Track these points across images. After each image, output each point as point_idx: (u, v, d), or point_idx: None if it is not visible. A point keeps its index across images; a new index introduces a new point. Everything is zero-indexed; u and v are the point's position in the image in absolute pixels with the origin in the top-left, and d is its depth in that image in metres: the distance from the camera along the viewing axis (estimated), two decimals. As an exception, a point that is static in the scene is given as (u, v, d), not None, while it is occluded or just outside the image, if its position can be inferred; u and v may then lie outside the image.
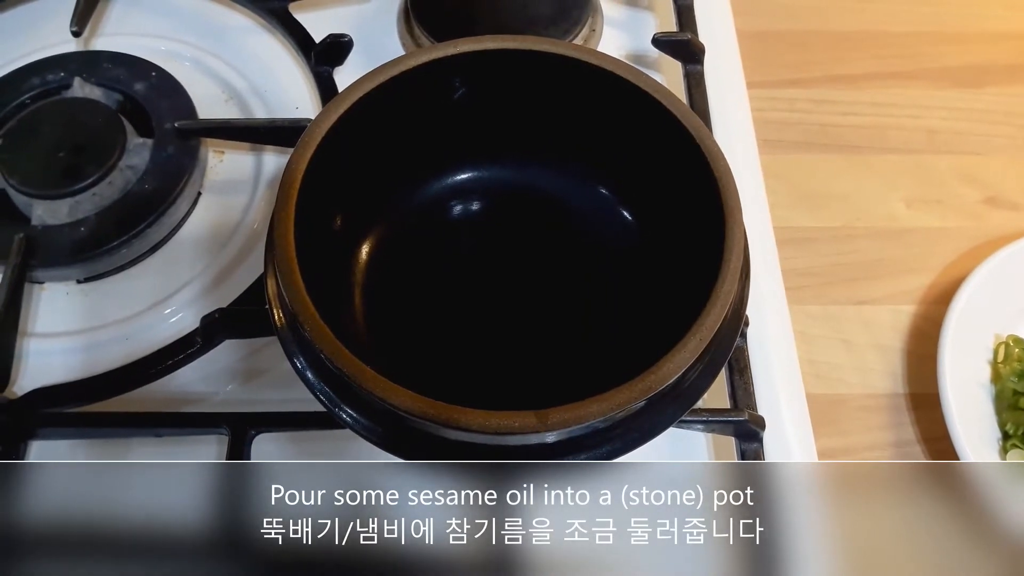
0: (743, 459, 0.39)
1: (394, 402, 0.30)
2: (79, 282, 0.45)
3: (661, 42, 0.50)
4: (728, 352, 0.34)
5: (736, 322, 0.34)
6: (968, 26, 0.57)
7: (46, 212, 0.45)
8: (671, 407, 0.33)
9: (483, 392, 0.31)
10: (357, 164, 0.38)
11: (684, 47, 0.50)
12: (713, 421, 0.39)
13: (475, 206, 0.42)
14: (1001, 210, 0.50)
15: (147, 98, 0.49)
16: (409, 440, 0.32)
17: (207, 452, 0.40)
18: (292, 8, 0.52)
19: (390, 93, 0.37)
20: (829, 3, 0.59)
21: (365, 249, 0.40)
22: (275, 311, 0.34)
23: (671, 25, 0.53)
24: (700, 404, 0.42)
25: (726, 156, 0.35)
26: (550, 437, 0.31)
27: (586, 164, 0.41)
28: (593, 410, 0.30)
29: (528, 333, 0.39)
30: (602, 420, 0.30)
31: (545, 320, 0.40)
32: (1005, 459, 0.42)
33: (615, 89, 0.37)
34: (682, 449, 0.41)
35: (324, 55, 0.50)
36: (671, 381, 0.31)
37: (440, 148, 0.41)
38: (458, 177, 0.42)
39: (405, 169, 0.41)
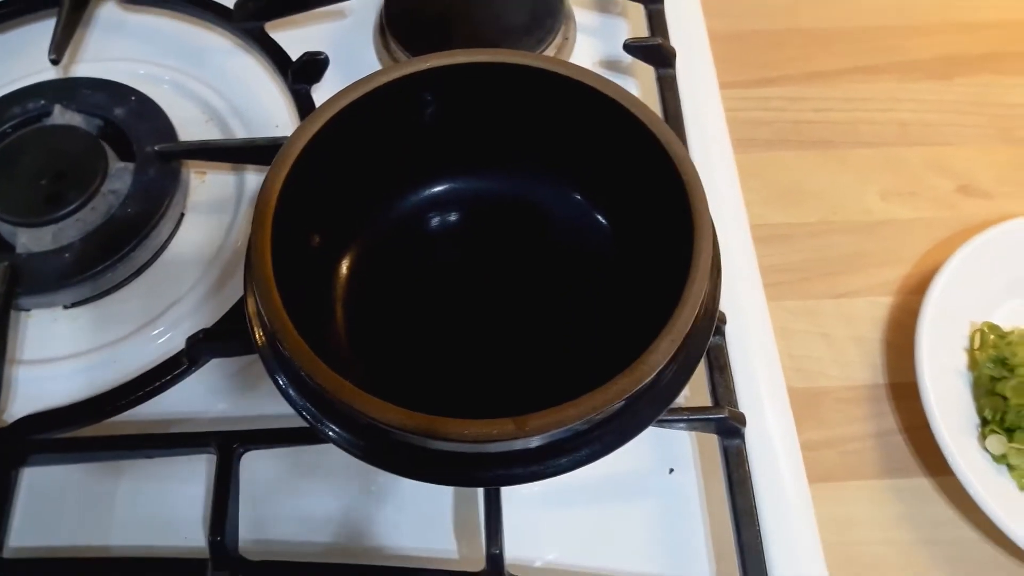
0: (726, 455, 0.39)
1: (374, 415, 0.30)
2: (66, 307, 0.46)
3: (633, 47, 0.51)
4: (702, 351, 0.34)
5: (709, 321, 0.35)
6: (935, 18, 0.58)
7: (30, 240, 0.46)
8: (648, 407, 0.33)
9: (465, 401, 0.32)
10: (334, 180, 0.39)
11: (655, 52, 0.51)
12: (694, 419, 0.40)
13: (452, 217, 0.42)
14: (974, 198, 0.51)
15: (127, 122, 0.49)
16: (392, 453, 0.33)
17: (197, 470, 0.41)
18: (268, 28, 0.53)
19: (364, 109, 0.38)
20: (799, 2, 0.59)
21: (345, 264, 0.41)
22: (255, 330, 0.35)
23: (643, 30, 0.54)
24: (682, 403, 0.43)
25: (700, 156, 0.36)
26: (531, 443, 0.32)
27: (560, 172, 0.41)
28: (570, 414, 0.30)
29: (508, 341, 0.40)
30: (580, 423, 0.31)
31: (524, 327, 0.40)
32: (984, 444, 0.42)
33: (584, 98, 0.38)
34: (667, 449, 0.42)
35: (301, 73, 0.50)
36: (646, 382, 0.31)
37: (416, 161, 0.42)
38: (435, 189, 0.43)
39: (382, 183, 0.41)
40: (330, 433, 0.33)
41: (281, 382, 0.34)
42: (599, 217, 0.41)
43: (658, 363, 0.31)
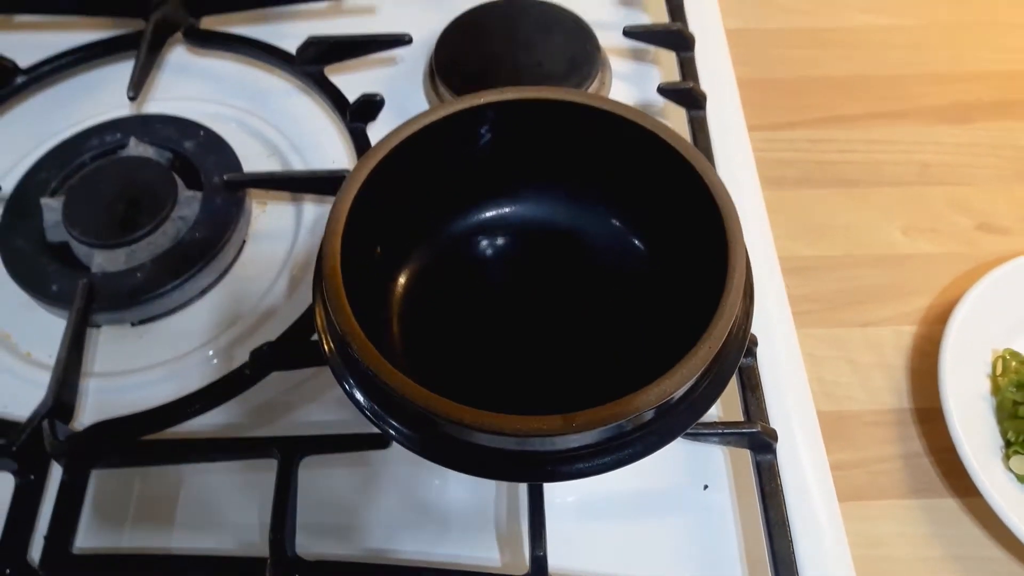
0: (758, 470, 0.41)
1: (433, 408, 0.33)
2: (133, 325, 0.49)
3: (666, 91, 0.54)
4: (736, 363, 0.37)
5: (742, 336, 0.37)
6: (951, 68, 0.61)
7: (105, 260, 0.49)
8: (686, 413, 0.35)
9: (512, 409, 0.34)
10: (393, 204, 0.42)
11: (687, 95, 0.54)
12: (728, 433, 0.42)
13: (500, 240, 0.45)
14: (992, 235, 0.53)
15: (196, 154, 0.53)
16: (448, 448, 0.35)
17: (255, 477, 0.43)
18: (327, 71, 0.57)
19: (422, 140, 0.41)
20: (822, 52, 0.63)
21: (401, 282, 0.44)
22: (324, 339, 0.38)
23: (675, 76, 0.57)
24: (715, 419, 0.45)
25: (733, 192, 0.39)
26: (576, 441, 0.34)
27: (599, 199, 0.44)
28: (614, 412, 0.32)
29: (551, 355, 0.42)
30: (624, 422, 0.33)
31: (565, 342, 0.43)
32: (1008, 465, 0.44)
33: (622, 130, 0.41)
34: (702, 466, 0.44)
35: (358, 112, 0.54)
36: (685, 387, 0.34)
37: (468, 188, 0.45)
38: (484, 215, 0.46)
39: (437, 208, 0.45)
40: (392, 432, 0.35)
41: (347, 385, 0.36)
42: (635, 241, 0.44)
43: (697, 368, 0.33)
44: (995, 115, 0.59)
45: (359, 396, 0.36)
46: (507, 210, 0.46)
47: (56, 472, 0.43)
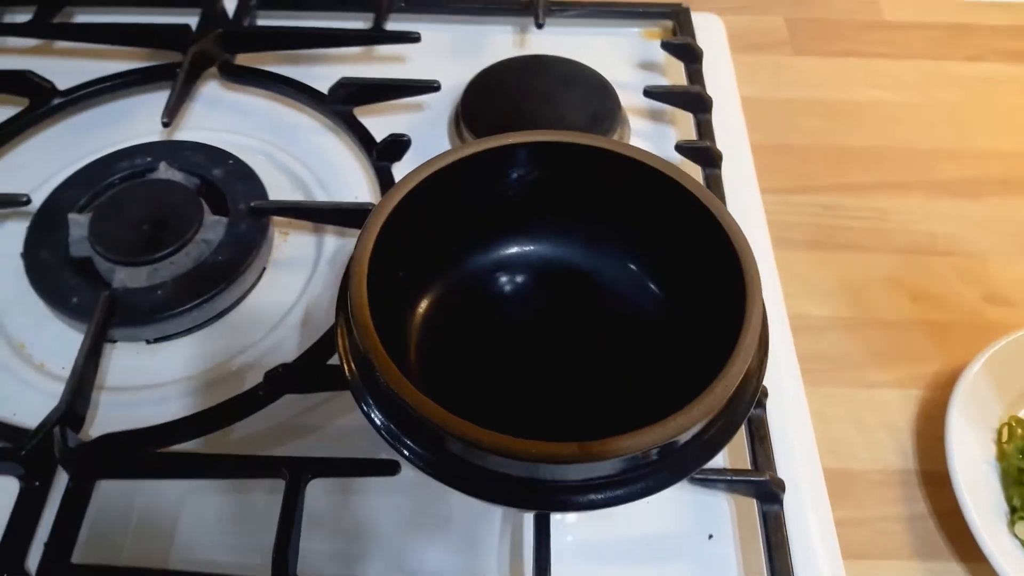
0: (765, 520, 0.41)
1: (451, 428, 0.33)
2: (148, 342, 0.50)
3: (684, 148, 0.56)
4: (748, 409, 0.37)
5: (755, 384, 0.37)
6: (959, 144, 0.63)
7: (127, 276, 0.50)
8: (698, 451, 0.36)
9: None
10: (415, 237, 0.43)
11: (704, 153, 0.56)
12: (736, 480, 0.42)
13: (519, 277, 0.46)
14: (998, 307, 0.54)
15: (224, 181, 0.54)
16: (460, 472, 0.35)
17: (261, 498, 0.43)
18: (356, 112, 0.59)
19: (448, 176, 0.42)
20: (832, 121, 0.65)
21: (420, 310, 0.44)
22: (345, 362, 0.38)
23: (690, 135, 0.59)
24: (724, 466, 0.45)
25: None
26: (589, 471, 0.34)
27: (618, 243, 0.46)
28: (630, 444, 0.33)
29: (564, 393, 0.43)
30: (638, 455, 0.33)
31: (579, 381, 0.43)
32: (1013, 531, 0.44)
33: (645, 177, 0.42)
34: (707, 515, 0.44)
35: (385, 151, 0.56)
36: (700, 425, 0.34)
37: (490, 225, 0.46)
38: (503, 252, 0.47)
39: (458, 243, 0.46)
40: (406, 452, 0.35)
41: (365, 406, 0.36)
42: (651, 285, 0.45)
43: (713, 406, 0.34)
44: (1001, 191, 0.60)
45: (376, 416, 0.36)
46: (527, 248, 0.47)
47: (60, 481, 0.43)
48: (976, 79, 0.69)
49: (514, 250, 0.47)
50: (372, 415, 0.36)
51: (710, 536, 0.43)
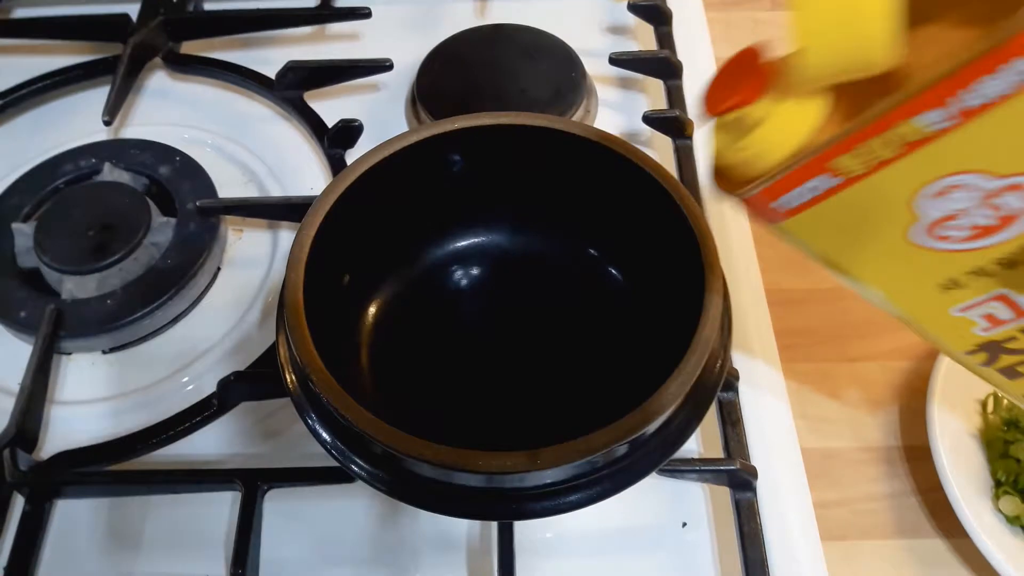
0: (738, 509, 0.40)
1: (398, 447, 0.32)
2: (104, 352, 0.48)
3: (652, 119, 0.53)
4: (711, 397, 0.36)
5: (719, 372, 0.36)
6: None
7: (75, 286, 0.48)
8: (658, 449, 0.34)
9: (484, 444, 0.33)
10: (362, 232, 0.41)
11: (674, 123, 0.53)
12: (706, 470, 0.40)
13: (474, 269, 0.45)
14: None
15: (171, 180, 0.52)
16: (413, 487, 0.34)
17: (222, 509, 0.42)
18: (307, 97, 0.57)
19: (394, 166, 0.40)
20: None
21: (371, 311, 0.43)
22: (286, 373, 0.37)
23: (661, 104, 0.57)
24: (695, 455, 0.44)
25: (716, 222, 0.38)
26: (545, 478, 0.33)
27: (575, 227, 0.44)
28: (581, 448, 0.31)
29: (526, 387, 0.41)
30: (592, 459, 0.32)
31: (541, 374, 0.42)
32: (998, 506, 0.42)
33: (598, 156, 0.40)
34: (680, 503, 0.42)
35: (336, 139, 0.53)
36: (657, 422, 0.33)
37: (441, 216, 0.44)
38: (458, 243, 0.45)
39: (408, 236, 0.44)
40: (356, 469, 0.34)
41: (310, 420, 0.35)
42: (613, 271, 0.43)
43: (668, 403, 0.32)
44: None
45: (322, 431, 0.35)
46: (481, 239, 0.45)
47: (18, 501, 0.41)
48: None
49: (468, 241, 0.45)
50: (317, 430, 0.35)
51: (684, 524, 0.42)
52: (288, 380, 0.36)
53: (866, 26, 0.25)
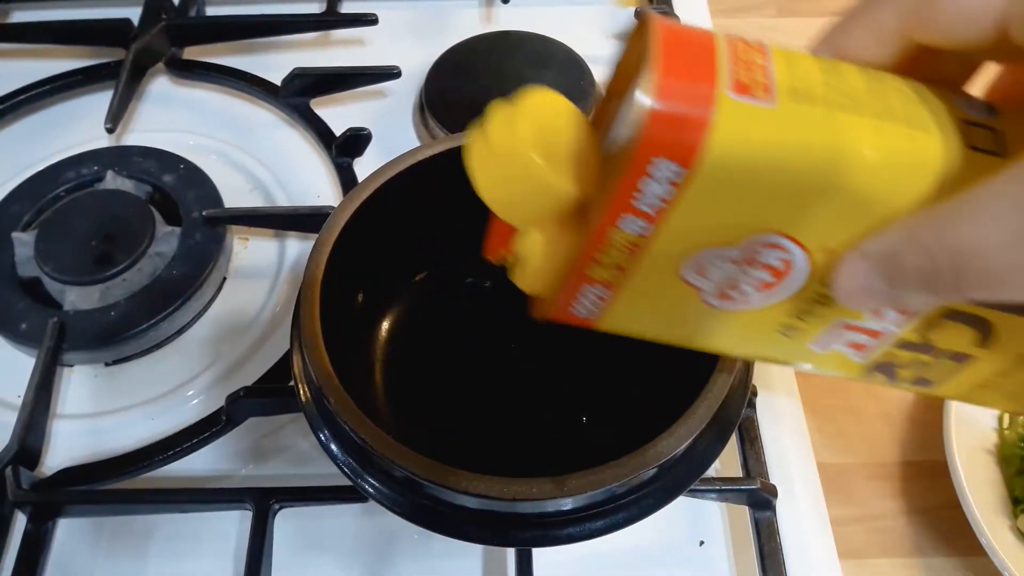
0: (757, 527, 0.40)
1: (415, 470, 0.31)
2: (107, 364, 0.47)
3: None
4: (736, 420, 0.35)
5: (743, 390, 0.35)
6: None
7: (78, 298, 0.47)
8: (684, 473, 0.34)
9: (500, 465, 0.32)
10: (376, 248, 0.40)
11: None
12: (727, 490, 0.40)
13: (488, 284, 0.44)
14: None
15: (175, 189, 0.51)
16: (430, 510, 0.33)
17: (230, 527, 0.41)
18: (313, 104, 0.56)
19: (408, 180, 0.39)
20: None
21: (384, 328, 0.42)
22: (300, 387, 0.36)
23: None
24: (713, 473, 0.43)
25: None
26: (567, 504, 0.32)
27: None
28: (608, 475, 0.31)
29: (541, 407, 0.41)
30: (617, 486, 0.31)
31: (555, 395, 0.41)
32: (1017, 524, 0.42)
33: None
34: (698, 521, 0.42)
35: (344, 147, 0.52)
36: (682, 447, 0.32)
37: (455, 231, 0.43)
38: (473, 258, 0.44)
39: (422, 252, 0.43)
40: (369, 489, 0.33)
41: (324, 437, 0.34)
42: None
43: (695, 428, 0.32)
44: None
45: (335, 449, 0.34)
46: (497, 253, 0.44)
47: (19, 519, 0.41)
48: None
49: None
50: (330, 447, 0.34)
51: (701, 542, 0.41)
52: (302, 394, 0.35)
53: (536, 181, 0.25)
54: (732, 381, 0.33)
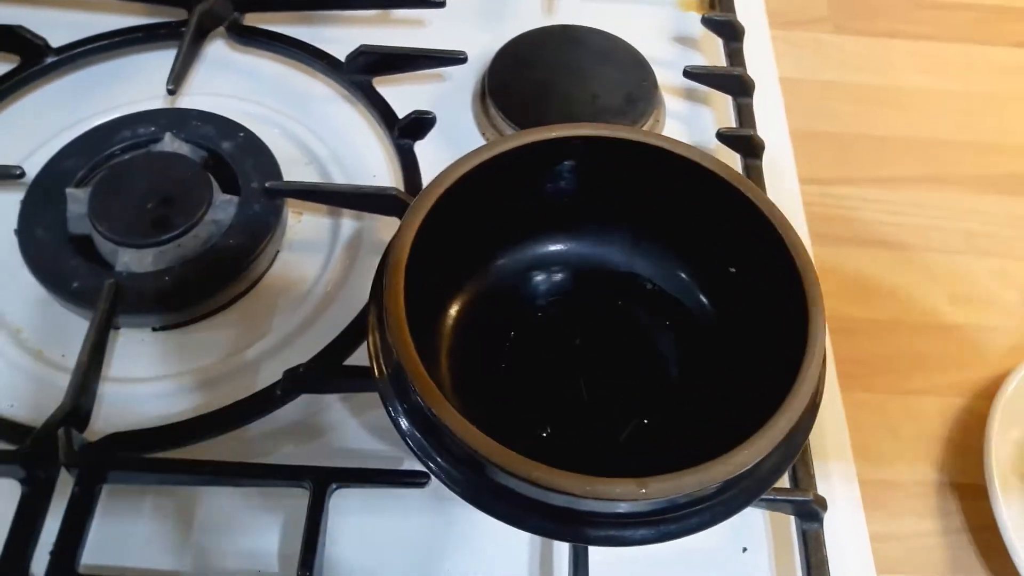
0: (804, 539, 0.40)
1: (496, 460, 0.31)
2: (154, 329, 0.46)
3: (725, 136, 0.53)
4: (807, 434, 0.35)
5: (815, 406, 0.36)
6: (1001, 139, 0.61)
7: (132, 260, 0.46)
8: (756, 483, 0.34)
9: (552, 459, 0.32)
10: (455, 235, 0.40)
11: (746, 142, 0.53)
12: (779, 500, 0.40)
13: (557, 277, 0.44)
14: (1039, 312, 0.53)
15: (234, 156, 0.51)
16: (493, 495, 0.33)
17: (279, 501, 0.41)
18: (375, 82, 0.55)
19: (489, 170, 0.39)
20: (872, 108, 0.62)
21: (452, 315, 0.42)
22: (375, 362, 0.36)
23: (728, 119, 0.56)
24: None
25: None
26: (644, 506, 0.32)
27: (667, 248, 0.43)
28: (690, 481, 0.31)
29: (606, 405, 0.41)
30: (698, 492, 0.32)
31: (619, 393, 0.41)
32: (1053, 552, 0.43)
33: (699, 180, 0.40)
34: (741, 528, 0.42)
35: (407, 129, 0.52)
36: (761, 456, 0.32)
37: (529, 222, 0.43)
38: (543, 249, 0.44)
39: (491, 241, 0.43)
40: (434, 468, 0.33)
41: (392, 411, 0.34)
42: (702, 298, 0.43)
43: (774, 440, 0.32)
44: (1046, 189, 0.58)
45: (404, 424, 0.34)
46: (567, 247, 0.44)
47: (65, 482, 0.40)
48: (1020, 68, 0.66)
49: (555, 247, 0.44)
50: (400, 422, 0.34)
51: (744, 549, 0.42)
52: (376, 367, 0.35)
53: None
54: (811, 395, 0.34)
